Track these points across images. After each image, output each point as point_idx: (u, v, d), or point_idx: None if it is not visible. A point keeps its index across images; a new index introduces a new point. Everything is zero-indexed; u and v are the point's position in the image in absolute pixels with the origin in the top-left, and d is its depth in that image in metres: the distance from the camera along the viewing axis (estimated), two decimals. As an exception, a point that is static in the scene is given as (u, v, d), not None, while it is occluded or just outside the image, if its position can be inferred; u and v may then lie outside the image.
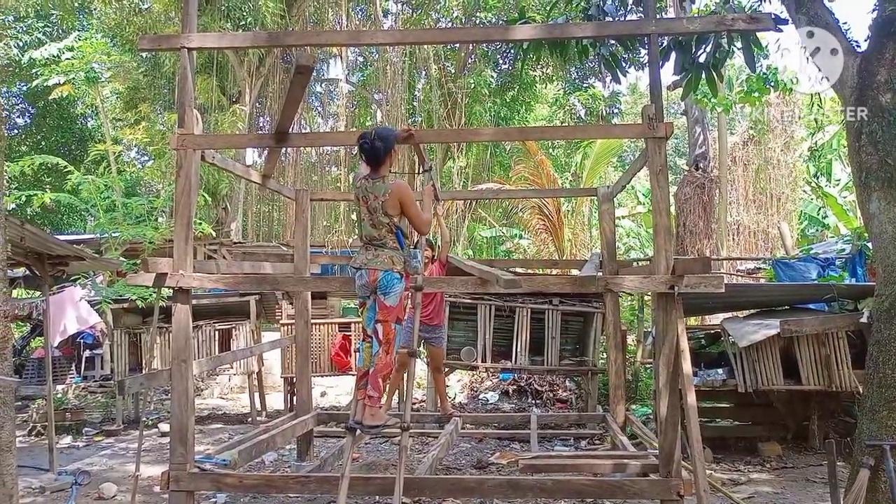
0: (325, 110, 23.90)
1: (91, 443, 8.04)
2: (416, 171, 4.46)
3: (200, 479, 4.43)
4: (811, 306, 7.14)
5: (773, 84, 9.33)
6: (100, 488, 5.79)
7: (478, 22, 17.61)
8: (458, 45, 18.67)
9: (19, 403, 9.22)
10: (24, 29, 20.15)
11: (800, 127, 16.31)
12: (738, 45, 5.55)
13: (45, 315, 7.28)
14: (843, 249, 8.78)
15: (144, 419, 5.16)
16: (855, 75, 4.44)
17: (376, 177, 4.19)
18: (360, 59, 22.12)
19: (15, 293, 11.98)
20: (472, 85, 17.56)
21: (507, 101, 18.82)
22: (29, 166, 11.90)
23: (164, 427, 8.22)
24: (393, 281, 4.13)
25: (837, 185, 15.72)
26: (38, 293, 11.18)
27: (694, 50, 5.59)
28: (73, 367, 10.35)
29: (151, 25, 16.12)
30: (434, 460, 5.26)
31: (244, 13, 16.02)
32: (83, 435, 8.37)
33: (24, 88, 21.62)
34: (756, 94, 9.98)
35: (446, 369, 8.46)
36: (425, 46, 17.35)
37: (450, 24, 18.73)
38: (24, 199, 11.68)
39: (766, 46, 7.62)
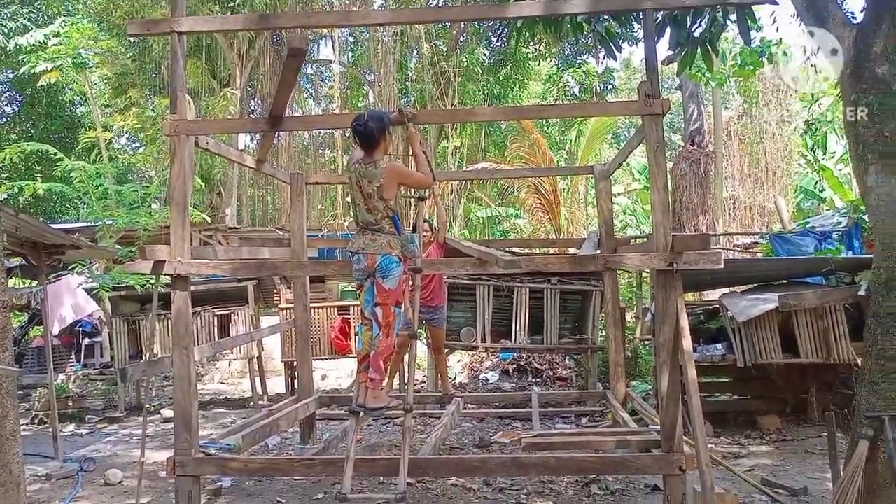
0: (317, 92, 23.71)
1: (94, 430, 8.07)
2: (408, 154, 4.34)
3: (206, 464, 4.46)
4: (809, 280, 7.16)
5: (766, 57, 9.28)
6: (105, 474, 5.82)
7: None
8: (449, 23, 18.48)
9: (21, 392, 9.23)
10: (9, 15, 19.85)
11: (794, 100, 16.26)
12: (733, 17, 5.50)
13: (43, 304, 7.27)
14: (840, 222, 8.80)
15: (147, 405, 5.17)
16: (851, 47, 4.40)
17: (369, 161, 4.14)
18: (351, 39, 21.90)
19: (11, 283, 11.94)
20: (465, 63, 17.41)
21: (501, 79, 18.67)
22: (17, 154, 11.80)
23: (167, 413, 8.26)
24: (391, 264, 4.12)
25: (832, 157, 15.72)
26: (34, 282, 11.15)
27: (689, 24, 5.53)
28: (73, 356, 10.37)
29: (139, 9, 15.93)
30: (437, 440, 5.30)
31: (233, -5, 15.83)
32: (86, 422, 8.40)
33: (11, 76, 21.38)
34: (750, 68, 9.93)
35: (447, 350, 8.49)
36: (416, 25, 17.17)
37: (442, 3, 18.53)
38: (16, 188, 11.58)
39: (759, 19, 7.58)
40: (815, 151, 15.92)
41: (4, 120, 23.60)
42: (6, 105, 24.18)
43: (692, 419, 4.13)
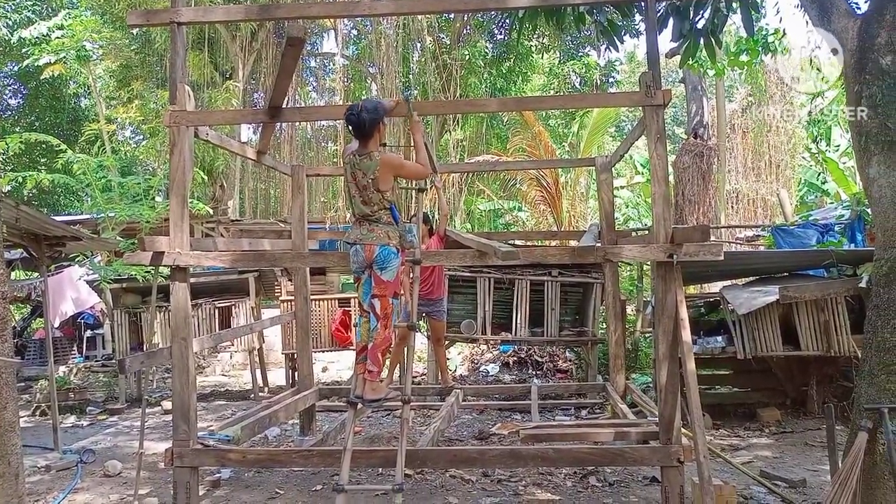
0: (319, 85, 23.66)
1: (95, 422, 8.09)
2: (410, 145, 4.33)
3: (204, 455, 4.47)
4: (810, 272, 7.14)
5: (765, 47, 9.18)
6: (105, 466, 5.84)
7: (472, -9, 17.31)
8: (452, 15, 18.39)
9: (22, 384, 9.28)
10: (13, 8, 19.84)
11: (798, 93, 16.16)
12: (736, 6, 5.46)
13: (45, 296, 7.28)
14: (843, 215, 8.75)
15: (147, 397, 5.19)
16: (855, 38, 4.36)
17: (364, 152, 4.11)
18: (354, 32, 21.83)
19: (13, 275, 11.96)
20: (468, 56, 17.35)
21: (503, 71, 18.59)
22: (17, 143, 11.78)
23: (168, 405, 8.28)
24: (390, 256, 4.11)
25: (837, 150, 15.62)
26: (36, 274, 11.17)
27: (692, 15, 5.50)
28: (75, 348, 10.39)
29: (141, 1, 15.87)
30: (436, 432, 5.30)
31: (234, -13, 15.76)
32: (87, 414, 8.43)
33: (16, 68, 21.37)
34: (745, 58, 9.81)
35: (447, 342, 8.49)
36: (419, 18, 17.10)
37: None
38: (19, 180, 11.58)
39: (763, 10, 7.52)
40: (818, 143, 15.82)
41: (9, 113, 23.61)
42: (10, 98, 24.19)
43: (691, 411, 4.13)
